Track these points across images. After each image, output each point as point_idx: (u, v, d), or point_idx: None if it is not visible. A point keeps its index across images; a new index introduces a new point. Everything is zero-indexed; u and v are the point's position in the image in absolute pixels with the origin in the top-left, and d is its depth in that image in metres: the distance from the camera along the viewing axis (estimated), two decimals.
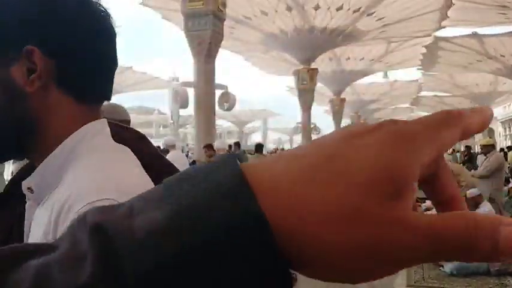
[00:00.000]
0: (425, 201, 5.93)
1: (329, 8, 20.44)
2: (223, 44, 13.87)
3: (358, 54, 28.76)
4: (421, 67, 31.14)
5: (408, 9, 21.01)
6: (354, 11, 20.78)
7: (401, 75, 52.03)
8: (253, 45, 25.20)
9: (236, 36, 22.59)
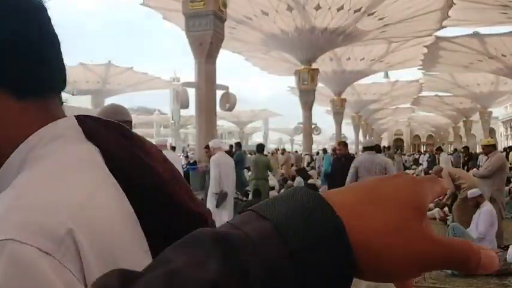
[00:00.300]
0: None
1: (330, 8, 20.44)
2: (224, 45, 13.88)
3: (359, 54, 28.75)
4: (422, 67, 31.12)
5: (409, 9, 20.99)
6: (355, 11, 20.77)
7: (402, 75, 52.05)
8: (253, 46, 25.21)
9: (237, 36, 22.60)
